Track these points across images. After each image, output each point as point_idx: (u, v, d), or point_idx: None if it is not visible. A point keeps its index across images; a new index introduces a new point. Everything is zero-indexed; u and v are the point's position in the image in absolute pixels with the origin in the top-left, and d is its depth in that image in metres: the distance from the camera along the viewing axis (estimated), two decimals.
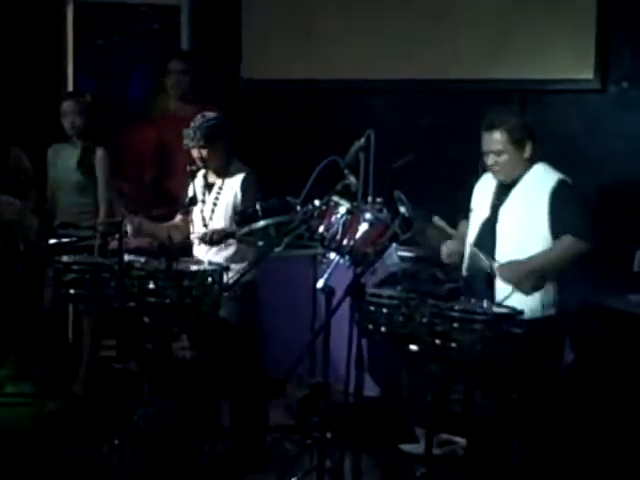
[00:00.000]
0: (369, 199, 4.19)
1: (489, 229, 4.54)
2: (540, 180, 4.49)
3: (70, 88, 7.07)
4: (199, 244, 5.05)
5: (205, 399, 4.97)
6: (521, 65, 5.92)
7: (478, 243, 4.56)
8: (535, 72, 5.87)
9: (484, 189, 4.69)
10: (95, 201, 5.91)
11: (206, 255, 5.00)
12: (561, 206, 4.40)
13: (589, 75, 5.70)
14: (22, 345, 6.21)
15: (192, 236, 5.10)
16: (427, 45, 6.17)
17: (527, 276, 4.35)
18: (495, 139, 4.48)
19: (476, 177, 4.77)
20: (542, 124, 5.74)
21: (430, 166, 5.98)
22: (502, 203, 4.54)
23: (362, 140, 4.23)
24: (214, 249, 5.03)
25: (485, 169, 4.65)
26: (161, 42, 7.29)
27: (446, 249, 4.68)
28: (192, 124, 5.04)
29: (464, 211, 4.74)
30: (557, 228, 4.40)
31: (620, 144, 5.63)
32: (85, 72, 7.24)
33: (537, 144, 4.53)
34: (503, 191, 4.57)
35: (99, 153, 5.94)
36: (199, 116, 5.07)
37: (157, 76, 6.48)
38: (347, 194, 4.25)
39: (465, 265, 4.61)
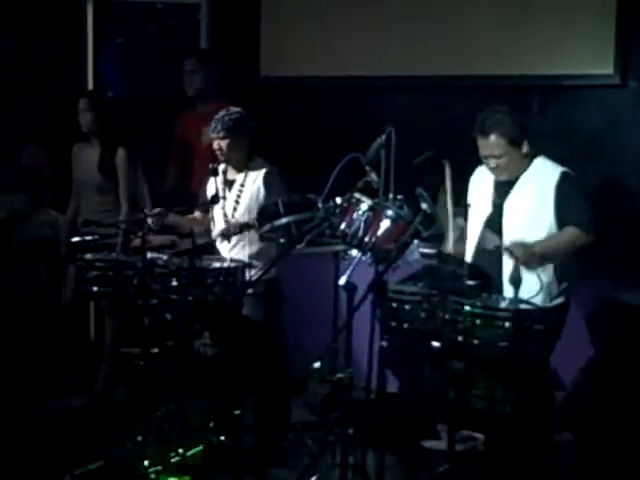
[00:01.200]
0: (390, 196, 4.20)
1: (493, 225, 4.55)
2: (543, 174, 4.50)
3: (90, 86, 7.11)
4: (221, 241, 5.07)
5: (227, 396, 4.99)
6: (540, 61, 5.89)
7: (482, 240, 4.56)
8: (554, 68, 5.85)
9: (481, 184, 4.68)
10: (117, 200, 5.93)
11: (229, 253, 5.02)
12: (566, 198, 4.42)
13: (609, 70, 5.68)
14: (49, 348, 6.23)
15: (214, 234, 5.12)
16: (445, 41, 6.15)
17: (533, 256, 4.35)
18: (492, 143, 4.47)
19: None
20: (562, 120, 5.78)
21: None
22: (504, 199, 4.54)
23: (383, 137, 4.24)
24: (237, 247, 5.05)
25: None
26: (180, 40, 7.32)
27: (454, 249, 4.69)
28: (215, 117, 5.08)
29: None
30: (562, 219, 4.42)
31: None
32: (106, 70, 7.28)
33: (544, 139, 4.55)
34: (503, 186, 4.57)
35: (120, 153, 5.93)
36: (223, 110, 5.11)
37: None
38: (369, 191, 4.26)
39: (470, 258, 4.61)
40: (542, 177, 4.49)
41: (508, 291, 4.35)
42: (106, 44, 7.29)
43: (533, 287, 4.27)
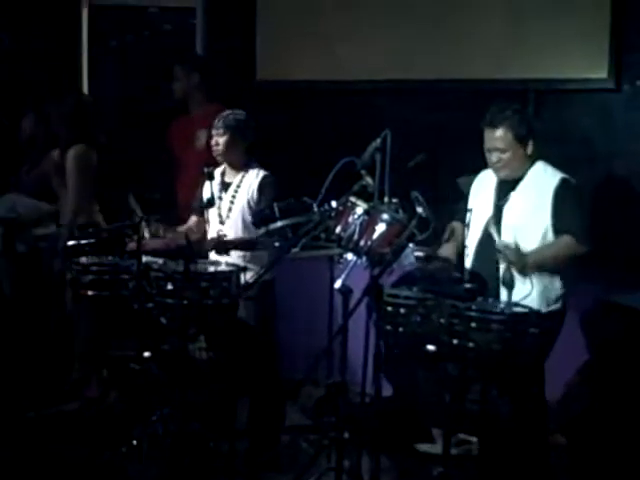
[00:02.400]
0: (386, 199, 4.21)
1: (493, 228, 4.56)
2: (543, 179, 4.51)
3: (85, 89, 7.11)
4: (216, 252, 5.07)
5: (222, 399, 4.99)
6: (534, 65, 5.90)
7: (481, 246, 4.57)
8: (549, 72, 5.86)
9: (483, 189, 4.70)
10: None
11: (223, 256, 5.03)
12: (563, 205, 4.43)
13: (603, 74, 5.69)
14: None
15: (208, 235, 5.13)
16: (441, 45, 6.16)
17: (526, 264, 4.36)
18: (498, 136, 4.49)
19: None
20: (556, 123, 5.79)
21: (443, 167, 5.98)
22: (504, 202, 4.55)
23: (378, 141, 4.25)
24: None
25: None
26: (175, 44, 7.32)
27: (445, 252, 4.69)
28: (219, 115, 5.11)
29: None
30: (558, 226, 4.43)
31: (634, 143, 5.62)
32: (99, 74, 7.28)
33: (539, 142, 4.55)
34: (504, 190, 4.58)
35: (70, 152, 5.75)
36: (226, 111, 5.14)
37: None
38: (364, 195, 4.27)
39: (470, 261, 4.62)
40: (542, 182, 4.50)
41: (503, 293, 4.36)
42: (100, 47, 7.29)
43: (525, 290, 4.28)
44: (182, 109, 6.41)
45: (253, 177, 5.11)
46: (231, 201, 5.10)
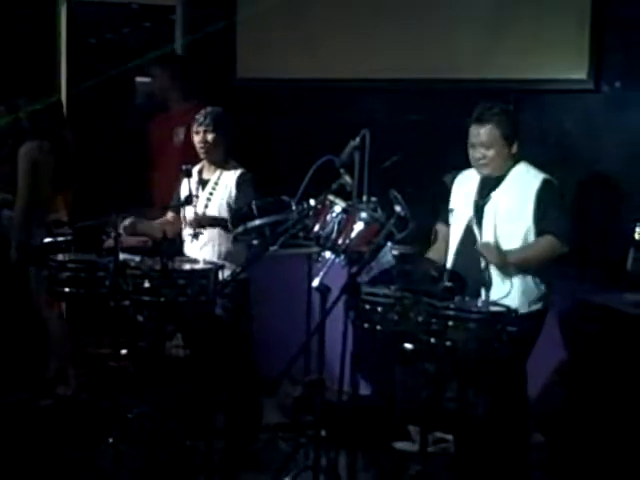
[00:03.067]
0: (364, 198, 4.21)
1: (474, 229, 4.57)
2: (525, 179, 4.53)
3: (64, 86, 7.07)
4: (191, 241, 5.05)
5: (199, 398, 4.97)
6: (514, 65, 5.92)
7: (462, 245, 4.58)
8: (528, 72, 5.87)
9: (464, 188, 4.70)
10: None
11: (199, 253, 5.01)
12: (546, 206, 4.44)
13: (582, 75, 5.71)
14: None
15: (184, 232, 5.11)
16: (421, 45, 6.17)
17: (505, 263, 4.38)
18: (485, 132, 4.50)
19: None
20: (535, 124, 5.80)
21: (425, 166, 5.99)
22: (486, 202, 4.55)
23: (357, 139, 4.24)
24: (207, 246, 5.03)
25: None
26: (154, 41, 7.30)
27: (435, 254, 4.69)
28: (203, 112, 5.09)
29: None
30: (541, 227, 4.44)
31: (613, 144, 5.64)
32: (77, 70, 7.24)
33: (522, 143, 4.57)
34: (486, 189, 4.59)
35: (21, 149, 5.74)
36: (209, 107, 5.14)
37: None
38: (342, 193, 4.26)
39: (450, 259, 4.62)
40: (524, 182, 4.51)
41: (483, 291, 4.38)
42: (79, 44, 7.26)
43: (505, 289, 4.29)
44: (161, 106, 6.39)
45: (231, 174, 5.10)
46: (208, 198, 5.09)
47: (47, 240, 5.19)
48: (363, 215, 4.14)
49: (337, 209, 4.18)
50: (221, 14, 6.75)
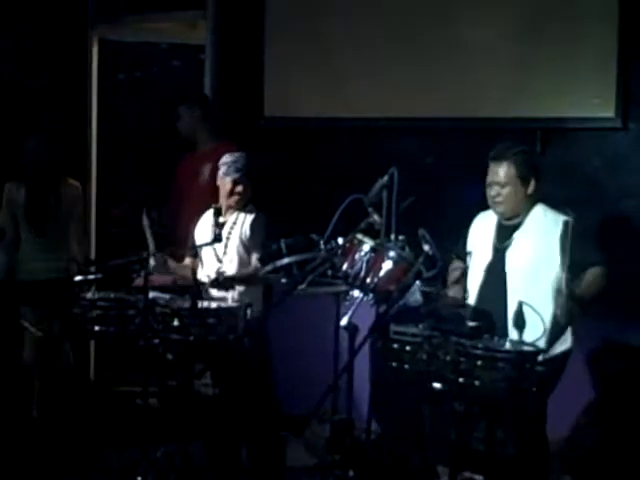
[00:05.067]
0: (392, 237, 4.21)
1: (496, 273, 4.56)
2: (546, 223, 4.53)
3: (94, 122, 7.14)
4: (210, 285, 5.08)
5: (227, 436, 4.97)
6: (541, 103, 5.92)
7: (485, 288, 4.57)
8: (555, 110, 5.88)
9: (481, 231, 4.71)
10: None
11: (219, 292, 5.05)
12: (574, 244, 4.42)
13: (610, 113, 5.71)
14: None
15: (200, 274, 5.13)
16: (449, 84, 6.18)
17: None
18: (501, 171, 4.53)
19: None
20: (563, 163, 5.80)
21: (448, 204, 5.99)
22: (507, 246, 4.55)
23: (385, 178, 4.25)
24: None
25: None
26: (183, 80, 7.38)
27: (456, 294, 4.69)
28: (230, 159, 5.12)
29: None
30: (582, 262, 4.43)
31: None
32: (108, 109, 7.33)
33: (539, 183, 4.57)
34: (504, 233, 4.60)
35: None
36: (235, 153, 5.18)
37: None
38: (371, 232, 4.27)
39: (473, 301, 4.61)
40: (545, 226, 4.51)
41: (513, 333, 4.35)
42: (109, 82, 7.35)
43: (537, 330, 4.28)
44: (191, 146, 6.44)
45: (247, 216, 5.15)
46: (227, 238, 5.12)
47: (78, 278, 5.23)
48: (391, 254, 4.14)
49: (365, 248, 4.18)
50: (250, 53, 6.81)
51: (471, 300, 4.60)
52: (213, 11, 6.87)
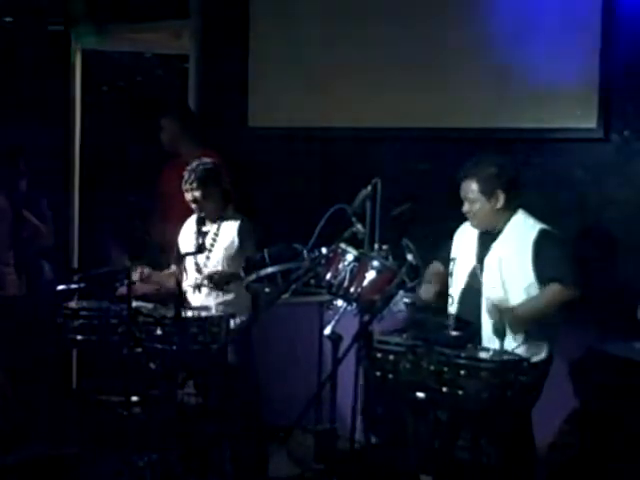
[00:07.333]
0: (376, 246, 4.23)
1: (476, 279, 4.58)
2: (521, 231, 4.56)
3: (77, 132, 7.13)
4: (194, 292, 5.08)
5: (209, 447, 4.96)
6: (522, 114, 5.94)
7: (465, 297, 4.59)
8: (537, 121, 5.90)
9: (465, 239, 4.74)
10: None
11: (203, 302, 5.04)
12: (545, 255, 4.46)
13: (592, 124, 5.73)
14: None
15: (185, 284, 5.12)
16: (431, 94, 6.20)
17: (516, 320, 4.37)
18: (468, 187, 4.59)
19: None
20: (544, 173, 5.81)
21: (431, 214, 6.00)
22: (485, 255, 4.58)
23: (369, 188, 4.27)
24: (211, 296, 5.06)
25: None
26: (166, 90, 7.39)
27: (424, 293, 4.69)
28: (188, 168, 5.14)
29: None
30: (543, 276, 4.45)
31: (623, 193, 5.65)
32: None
33: (515, 193, 4.59)
34: (485, 241, 4.63)
35: None
36: (196, 160, 5.17)
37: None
38: (354, 241, 4.29)
39: (454, 308, 4.63)
40: (521, 234, 4.54)
41: (489, 340, 4.37)
42: (92, 90, 7.33)
43: (517, 339, 4.30)
44: (174, 155, 6.44)
45: (231, 224, 5.14)
46: (209, 250, 5.12)
47: (60, 287, 5.21)
48: (375, 263, 4.17)
49: (349, 257, 4.21)
50: (234, 63, 6.82)
51: (453, 309, 4.62)
52: (197, 21, 6.88)
